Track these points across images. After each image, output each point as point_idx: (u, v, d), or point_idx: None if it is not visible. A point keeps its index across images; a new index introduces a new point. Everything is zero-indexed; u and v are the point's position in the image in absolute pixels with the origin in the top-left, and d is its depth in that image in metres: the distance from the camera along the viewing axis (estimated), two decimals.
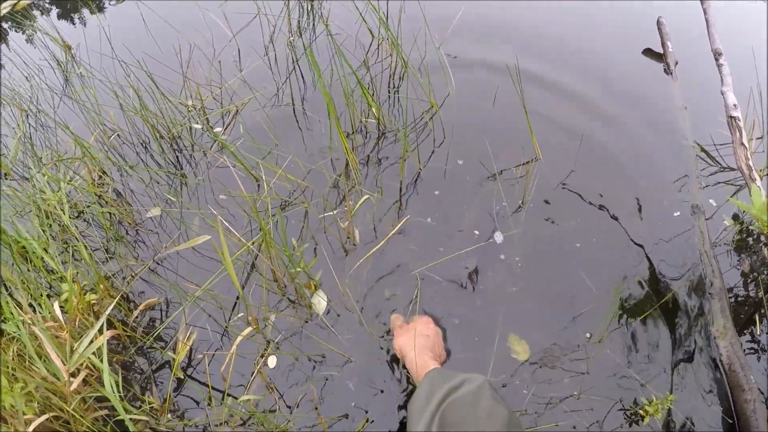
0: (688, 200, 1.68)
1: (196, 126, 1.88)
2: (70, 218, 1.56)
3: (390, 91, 2.01)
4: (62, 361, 1.12)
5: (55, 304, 1.26)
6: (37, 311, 1.25)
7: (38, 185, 1.58)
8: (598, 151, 1.83)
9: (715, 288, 1.46)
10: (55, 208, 1.51)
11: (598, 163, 1.79)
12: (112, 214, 1.63)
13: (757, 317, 1.44)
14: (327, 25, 2.26)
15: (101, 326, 1.11)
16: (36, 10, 2.70)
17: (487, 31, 2.29)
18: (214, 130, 1.87)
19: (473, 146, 1.80)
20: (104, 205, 1.65)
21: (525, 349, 1.35)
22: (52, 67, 2.23)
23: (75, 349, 1.14)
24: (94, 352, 1.15)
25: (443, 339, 1.35)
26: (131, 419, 1.08)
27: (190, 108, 1.93)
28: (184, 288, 1.45)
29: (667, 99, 2.03)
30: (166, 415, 1.24)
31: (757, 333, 1.42)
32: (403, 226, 1.58)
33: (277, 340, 1.36)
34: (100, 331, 1.12)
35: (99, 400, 1.23)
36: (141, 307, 1.40)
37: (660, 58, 2.21)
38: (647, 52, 2.26)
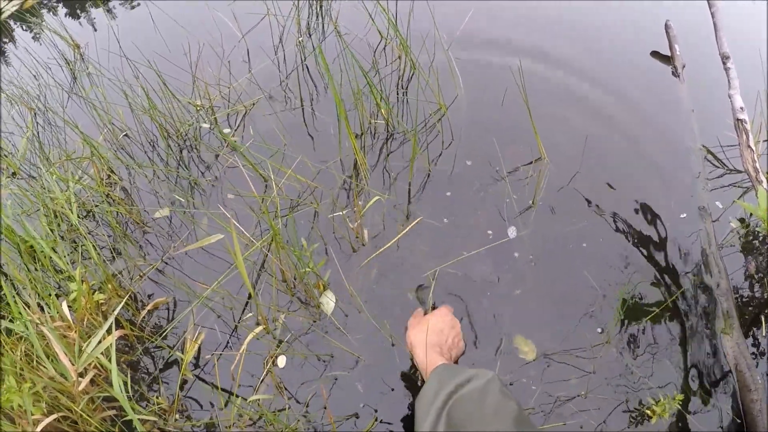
0: (694, 202, 1.67)
1: (205, 126, 1.88)
2: (79, 217, 1.56)
3: (399, 92, 2.01)
4: (71, 361, 1.12)
5: (63, 304, 1.26)
6: (46, 311, 1.25)
7: (46, 184, 1.59)
8: (605, 152, 1.83)
9: (722, 289, 1.46)
10: (63, 208, 1.51)
11: (605, 164, 1.79)
12: (120, 214, 1.63)
13: (763, 318, 1.44)
14: (336, 26, 2.26)
15: (110, 326, 1.12)
16: (44, 9, 2.71)
17: (496, 33, 2.29)
18: (223, 131, 1.87)
19: (482, 147, 1.80)
20: (112, 204, 1.65)
21: (532, 349, 1.35)
22: (60, 65, 2.24)
23: (83, 349, 1.14)
24: (103, 352, 1.15)
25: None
26: (140, 419, 1.09)
27: (199, 107, 1.93)
28: (192, 288, 1.45)
29: (675, 101, 2.02)
30: (175, 416, 1.24)
31: (764, 334, 1.42)
32: (413, 226, 1.58)
33: (287, 340, 1.37)
34: (109, 331, 1.13)
35: (107, 400, 1.23)
36: (149, 307, 1.40)
37: (668, 60, 2.20)
38: (655, 55, 2.26)
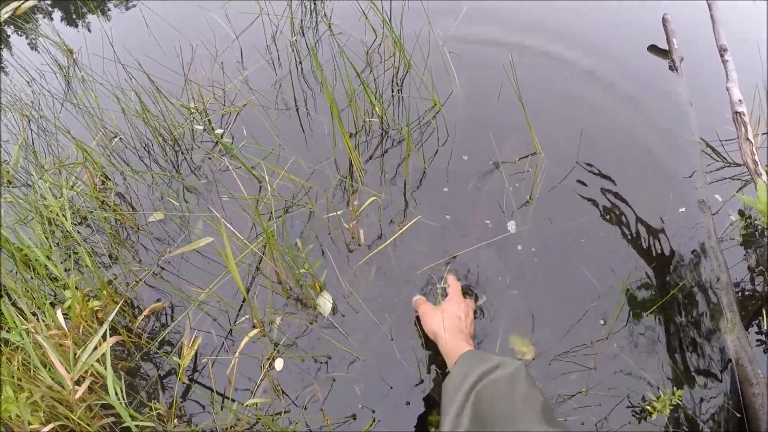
0: (693, 195, 1.67)
1: (199, 128, 1.87)
2: (73, 224, 1.56)
3: (393, 90, 2.00)
4: (66, 369, 1.12)
5: (58, 312, 1.25)
6: (41, 319, 1.25)
7: (40, 192, 1.58)
8: (602, 146, 1.82)
9: (722, 283, 1.45)
10: (58, 215, 1.50)
11: (603, 159, 1.78)
12: (116, 219, 1.62)
13: (764, 311, 1.43)
14: (330, 25, 2.25)
15: (105, 333, 1.11)
16: (38, 14, 2.70)
17: (491, 29, 2.28)
18: (217, 132, 1.86)
19: (478, 143, 1.79)
20: (107, 210, 1.64)
21: (530, 349, 1.35)
22: (53, 71, 2.23)
23: (78, 356, 1.13)
24: (99, 359, 1.15)
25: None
26: (138, 426, 1.08)
27: (192, 110, 1.92)
28: (188, 292, 1.45)
29: (673, 95, 2.01)
30: (173, 421, 1.23)
31: (764, 327, 1.41)
32: (410, 225, 1.57)
33: (284, 342, 1.36)
34: (104, 337, 1.12)
35: (105, 407, 1.23)
36: (145, 312, 1.39)
37: (665, 54, 2.19)
38: (652, 49, 2.25)
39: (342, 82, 1.78)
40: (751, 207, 1.62)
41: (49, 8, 2.75)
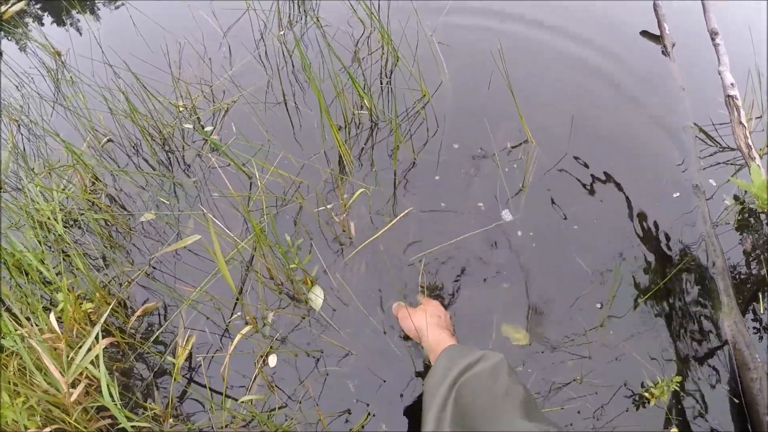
0: (688, 180, 1.66)
1: (188, 126, 1.86)
2: (65, 227, 1.55)
3: (382, 82, 1.99)
4: (61, 373, 1.11)
5: (51, 315, 1.25)
6: (34, 323, 1.24)
7: (31, 195, 1.57)
8: (597, 133, 1.82)
9: (717, 267, 1.44)
10: (49, 218, 1.50)
11: (597, 145, 1.77)
12: (107, 221, 1.61)
13: (760, 296, 1.43)
14: (318, 19, 2.24)
15: (97, 334, 1.11)
16: (27, 17, 2.69)
17: (480, 18, 2.27)
18: (205, 130, 1.85)
19: (468, 132, 1.79)
20: (98, 211, 1.63)
21: (523, 335, 1.34)
22: (42, 74, 2.22)
23: (72, 359, 1.13)
24: (93, 361, 1.14)
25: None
26: (134, 426, 1.08)
27: (181, 108, 1.91)
28: (180, 291, 1.44)
29: (665, 81, 2.01)
30: (169, 421, 1.23)
31: (761, 312, 1.41)
32: (401, 217, 1.56)
33: (276, 338, 1.35)
34: (97, 339, 1.11)
35: (101, 409, 1.22)
36: (138, 313, 1.39)
37: (657, 40, 2.19)
38: (644, 34, 2.24)
39: (330, 76, 1.77)
40: (745, 191, 1.61)
41: (38, 12, 2.74)
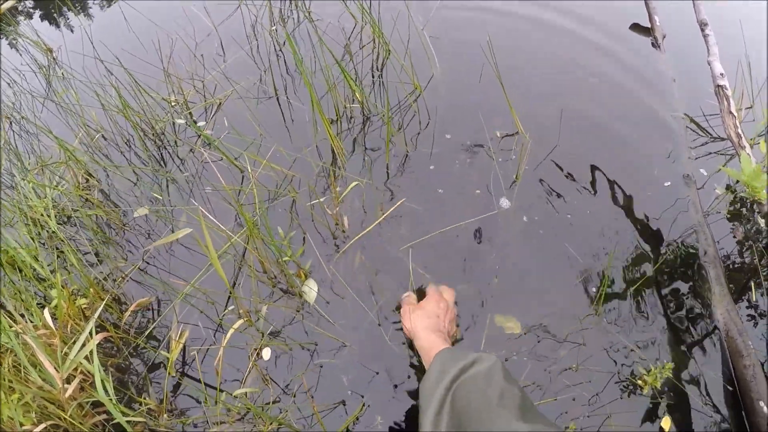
0: (678, 170, 1.67)
1: (180, 121, 1.86)
2: (58, 224, 1.55)
3: (374, 75, 1.99)
4: (56, 369, 1.11)
5: (45, 312, 1.25)
6: (28, 320, 1.24)
7: (24, 192, 1.57)
8: (588, 125, 1.82)
9: (709, 256, 1.45)
10: (42, 215, 1.49)
11: (588, 137, 1.78)
12: (100, 217, 1.61)
13: (752, 284, 1.44)
14: (309, 12, 2.24)
15: (91, 330, 1.11)
16: (18, 14, 2.68)
17: (472, 11, 2.27)
18: (198, 125, 1.85)
19: (461, 124, 1.80)
20: (91, 207, 1.63)
21: (516, 324, 1.35)
22: (34, 71, 2.21)
23: (66, 354, 1.13)
24: (87, 357, 1.14)
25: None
26: (129, 421, 1.08)
27: (173, 103, 1.91)
28: (173, 286, 1.44)
29: (656, 72, 2.02)
30: (164, 415, 1.23)
31: (753, 299, 1.42)
32: (395, 208, 1.57)
33: (270, 331, 1.36)
34: (91, 334, 1.11)
35: (96, 405, 1.22)
36: (132, 308, 1.39)
37: (648, 32, 2.19)
38: (635, 27, 2.25)
39: (321, 70, 1.77)
40: (737, 181, 1.62)
41: (30, 9, 2.73)
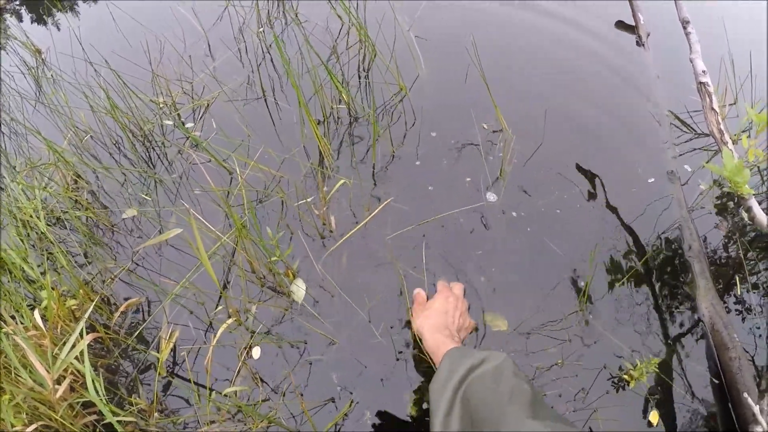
0: (663, 166, 1.69)
1: (168, 123, 1.86)
2: (48, 225, 1.55)
3: (360, 77, 2.00)
4: (46, 369, 1.12)
5: (35, 313, 1.25)
6: (18, 321, 1.24)
7: (13, 194, 1.57)
8: (572, 122, 1.84)
9: (694, 251, 1.47)
10: (32, 216, 1.50)
11: (572, 134, 1.80)
12: (89, 218, 1.62)
13: (737, 278, 1.46)
14: (296, 14, 2.24)
15: (81, 330, 1.11)
16: (6, 14, 2.67)
17: (458, 12, 2.28)
18: (186, 126, 1.86)
19: (446, 123, 1.82)
20: (81, 209, 1.63)
21: (504, 322, 1.36)
22: (22, 72, 2.20)
23: (57, 355, 1.13)
24: (77, 357, 1.15)
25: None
26: (120, 421, 1.09)
27: (161, 105, 1.92)
28: (163, 286, 1.45)
29: (641, 70, 2.04)
30: (155, 415, 1.24)
31: (738, 293, 1.44)
32: (381, 207, 1.58)
33: (259, 331, 1.37)
34: (81, 335, 1.12)
35: (87, 405, 1.23)
36: (122, 308, 1.39)
37: (632, 30, 2.21)
38: (619, 25, 2.26)
39: (308, 71, 1.78)
40: (721, 176, 1.64)
41: (18, 9, 2.72)
